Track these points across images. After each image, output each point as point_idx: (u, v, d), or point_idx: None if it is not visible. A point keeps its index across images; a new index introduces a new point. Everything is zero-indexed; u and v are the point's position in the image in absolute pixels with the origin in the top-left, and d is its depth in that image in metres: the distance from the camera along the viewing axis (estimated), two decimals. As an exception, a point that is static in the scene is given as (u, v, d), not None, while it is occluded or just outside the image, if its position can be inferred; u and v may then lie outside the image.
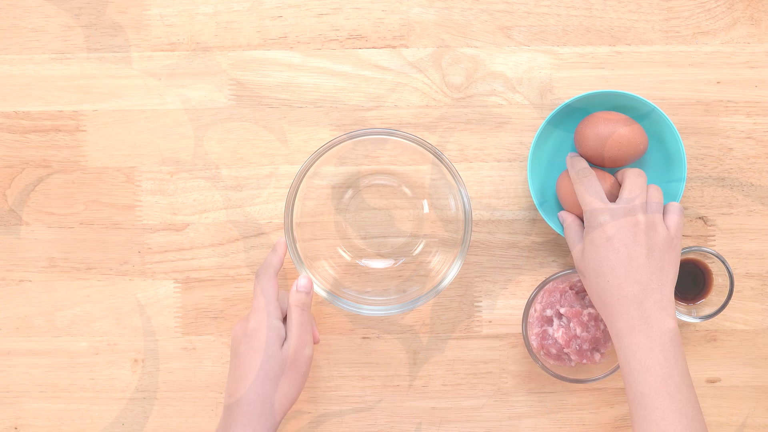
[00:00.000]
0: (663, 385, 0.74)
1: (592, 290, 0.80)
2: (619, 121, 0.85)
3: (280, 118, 0.91)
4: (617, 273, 0.77)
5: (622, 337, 0.77)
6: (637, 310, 0.76)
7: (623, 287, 0.77)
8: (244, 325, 0.80)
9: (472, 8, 0.91)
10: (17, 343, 0.92)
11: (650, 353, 0.75)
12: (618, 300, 0.77)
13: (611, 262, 0.78)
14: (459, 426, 0.92)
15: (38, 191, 0.92)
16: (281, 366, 0.78)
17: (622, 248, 0.78)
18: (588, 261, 0.79)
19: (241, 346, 0.79)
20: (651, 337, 0.76)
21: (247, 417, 0.76)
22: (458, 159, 0.91)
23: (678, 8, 0.91)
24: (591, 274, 0.79)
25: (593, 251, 0.79)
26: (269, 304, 0.80)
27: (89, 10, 0.91)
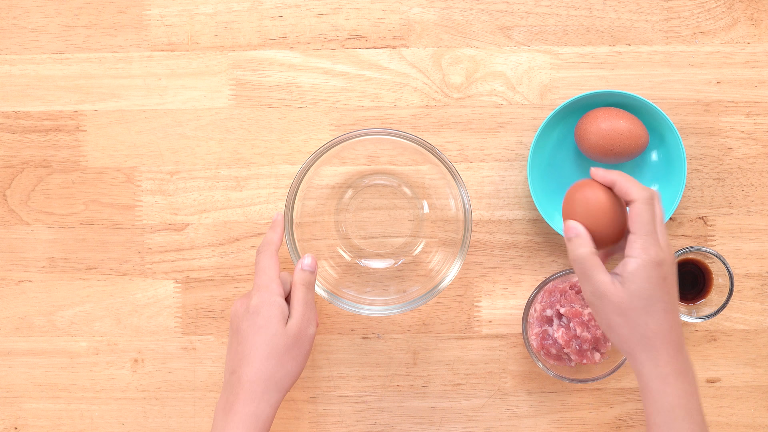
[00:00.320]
0: (702, 429, 0.71)
1: (636, 330, 0.71)
2: (619, 116, 0.85)
3: (280, 118, 0.91)
4: (669, 316, 0.71)
5: (670, 381, 0.71)
6: (682, 354, 0.72)
7: (674, 330, 0.71)
8: (246, 301, 0.79)
9: (472, 8, 0.91)
10: (17, 343, 0.92)
11: (693, 398, 0.71)
12: (669, 343, 0.71)
13: (665, 304, 0.71)
14: (459, 426, 0.92)
15: (38, 191, 0.92)
16: (286, 344, 0.77)
17: (672, 290, 0.72)
18: (636, 299, 0.71)
19: (243, 322, 0.78)
20: (691, 382, 0.72)
21: (251, 394, 0.76)
22: (458, 159, 0.91)
23: (678, 8, 0.91)
24: (639, 314, 0.71)
25: (648, 288, 0.71)
26: (271, 281, 0.79)
27: (89, 10, 0.91)
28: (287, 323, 0.78)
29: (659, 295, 0.71)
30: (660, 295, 0.71)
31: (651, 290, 0.70)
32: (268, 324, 0.77)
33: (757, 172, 0.91)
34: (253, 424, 0.76)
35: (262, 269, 0.80)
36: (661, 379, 0.71)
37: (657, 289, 0.71)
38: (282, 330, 0.77)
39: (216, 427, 0.77)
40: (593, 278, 0.72)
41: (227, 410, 0.76)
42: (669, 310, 0.71)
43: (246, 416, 0.75)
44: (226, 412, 0.76)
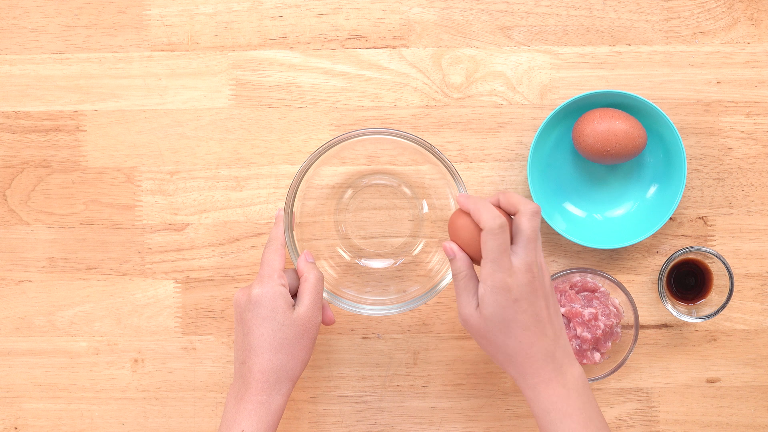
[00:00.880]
0: (586, 429, 0.73)
1: (499, 350, 0.75)
2: (615, 117, 0.85)
3: (280, 118, 0.91)
4: (529, 333, 0.74)
5: (539, 390, 0.75)
6: (551, 364, 0.74)
7: (535, 345, 0.74)
8: (248, 292, 0.79)
9: (472, 8, 0.91)
10: (17, 343, 0.92)
11: (569, 401, 0.74)
12: (531, 357, 0.74)
13: (521, 324, 0.74)
14: (459, 426, 0.92)
15: (38, 191, 0.92)
16: (294, 334, 0.78)
17: (529, 308, 0.74)
18: (491, 323, 0.74)
19: (246, 313, 0.78)
20: (567, 385, 0.74)
21: (263, 384, 0.77)
22: (458, 159, 0.91)
23: (678, 8, 0.91)
24: (497, 336, 0.74)
25: (499, 312, 0.74)
26: (273, 272, 0.79)
27: (89, 10, 0.91)
28: (294, 312, 0.78)
29: (512, 316, 0.73)
30: (513, 316, 0.73)
31: (502, 313, 0.73)
32: (274, 314, 0.77)
33: (757, 172, 0.91)
34: (264, 413, 0.77)
35: (266, 262, 0.81)
36: (530, 389, 0.75)
37: (509, 311, 0.73)
38: (289, 320, 0.78)
39: (227, 415, 0.77)
40: (460, 302, 0.76)
41: (239, 399, 0.77)
42: (528, 328, 0.74)
43: (258, 405, 0.77)
44: (237, 401, 0.77)
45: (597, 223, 0.91)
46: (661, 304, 0.91)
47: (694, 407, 0.92)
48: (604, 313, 0.87)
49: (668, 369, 0.92)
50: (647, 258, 0.91)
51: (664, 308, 0.91)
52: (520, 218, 0.75)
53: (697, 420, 0.92)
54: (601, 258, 0.91)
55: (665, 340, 0.92)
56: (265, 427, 0.77)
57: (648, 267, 0.92)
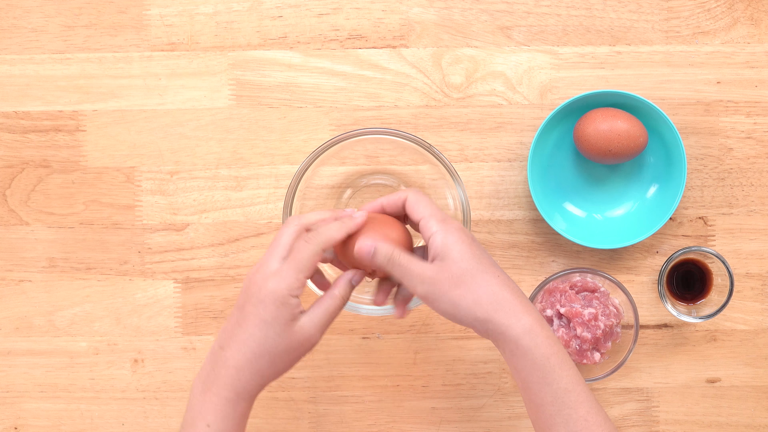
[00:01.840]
0: (579, 377, 0.70)
1: (481, 291, 0.69)
2: (617, 117, 0.85)
3: (280, 118, 0.91)
4: (499, 271, 0.71)
5: (536, 332, 0.69)
6: (529, 302, 0.71)
7: (509, 282, 0.71)
8: (263, 282, 0.71)
9: (472, 8, 0.91)
10: (17, 343, 0.92)
11: (559, 345, 0.70)
12: (515, 293, 0.70)
13: (489, 260, 0.71)
14: (459, 426, 0.92)
15: (38, 191, 0.92)
16: (286, 347, 0.71)
17: (484, 251, 0.72)
18: (463, 262, 0.70)
19: (249, 305, 0.71)
20: (549, 330, 0.70)
21: (233, 381, 0.71)
22: (458, 159, 0.91)
23: (678, 8, 0.91)
24: (474, 274, 0.70)
25: (466, 251, 0.70)
26: (300, 273, 0.71)
27: (89, 10, 0.91)
28: (298, 323, 0.71)
29: (480, 254, 0.71)
30: (481, 254, 0.71)
31: (471, 251, 0.70)
32: (274, 323, 0.71)
33: (757, 172, 0.91)
34: (231, 412, 0.72)
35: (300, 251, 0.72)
36: (527, 332, 0.69)
37: (475, 249, 0.71)
38: (286, 333, 0.71)
39: (193, 405, 0.73)
40: (415, 270, 0.71)
41: (205, 389, 0.72)
42: (495, 265, 0.71)
43: (224, 401, 0.71)
44: (203, 392, 0.72)
45: (597, 223, 0.91)
46: (661, 304, 0.91)
47: (694, 407, 0.92)
48: (604, 313, 0.87)
49: (668, 369, 0.92)
50: (647, 258, 0.91)
51: (664, 308, 0.91)
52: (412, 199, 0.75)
53: (697, 420, 0.92)
54: (601, 258, 0.92)
55: (665, 340, 0.92)
56: (232, 428, 0.72)
57: (648, 267, 0.92)
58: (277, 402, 0.92)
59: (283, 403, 0.92)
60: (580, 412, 0.69)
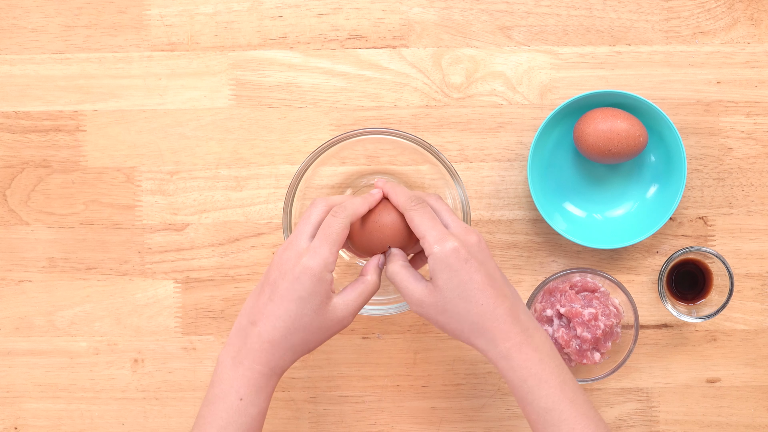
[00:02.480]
0: (563, 393, 0.71)
1: (462, 319, 0.72)
2: (617, 116, 0.85)
3: (280, 118, 0.91)
4: (488, 294, 0.71)
5: (512, 356, 0.72)
6: (518, 325, 0.72)
7: (498, 305, 0.72)
8: (296, 258, 0.72)
9: (472, 8, 0.91)
10: (17, 343, 0.92)
11: (542, 365, 0.72)
12: (497, 319, 0.72)
13: (477, 284, 0.71)
14: (459, 426, 0.92)
15: (38, 191, 0.92)
16: (320, 325, 0.73)
17: (481, 268, 0.72)
18: (447, 291, 0.72)
19: (283, 281, 0.72)
20: (538, 349, 0.72)
21: (268, 354, 0.73)
22: (458, 159, 0.91)
23: (678, 8, 0.91)
24: (456, 304, 0.72)
25: (452, 278, 0.71)
26: (333, 247, 0.73)
27: (89, 10, 0.91)
28: (331, 304, 0.73)
29: (468, 278, 0.71)
30: (469, 278, 0.71)
31: (457, 278, 0.71)
32: (310, 299, 0.72)
33: (757, 172, 0.91)
34: (264, 385, 0.73)
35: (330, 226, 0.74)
36: (503, 357, 0.72)
37: (463, 274, 0.71)
38: (322, 310, 0.72)
39: (223, 377, 0.73)
40: (407, 290, 0.74)
41: (237, 362, 0.73)
42: (485, 288, 0.72)
43: (258, 375, 0.73)
44: (235, 364, 0.73)
45: (597, 223, 0.91)
46: (661, 304, 0.91)
47: (694, 407, 0.92)
48: (604, 313, 0.87)
49: (668, 369, 0.92)
50: (647, 258, 0.91)
51: (664, 308, 0.91)
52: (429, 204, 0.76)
53: (697, 420, 0.92)
54: (601, 258, 0.92)
55: (665, 340, 0.92)
56: (263, 402, 0.73)
57: (648, 267, 0.92)
58: (277, 402, 0.92)
59: (283, 403, 0.92)
60: (564, 429, 0.71)
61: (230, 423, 0.72)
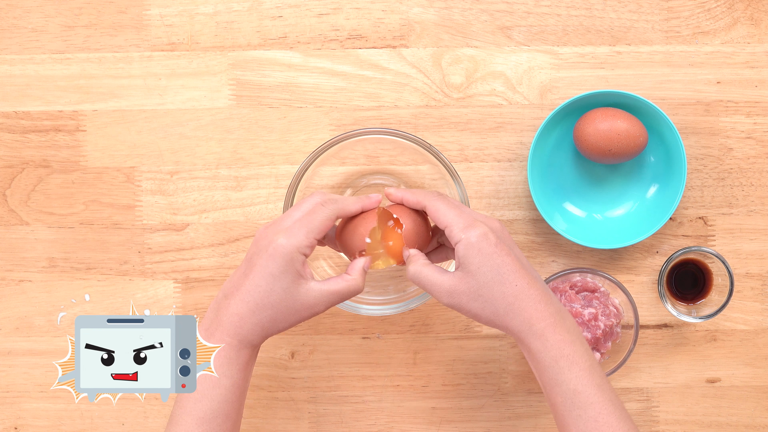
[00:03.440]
0: (591, 377, 0.71)
1: (497, 302, 0.72)
2: (617, 116, 0.85)
3: (280, 118, 0.91)
4: (521, 275, 0.72)
5: (547, 336, 0.71)
6: (552, 306, 0.72)
7: (532, 285, 0.72)
8: (273, 236, 0.73)
9: (472, 8, 0.91)
10: (17, 343, 0.92)
11: (574, 346, 0.71)
12: (533, 299, 0.72)
13: (510, 266, 0.72)
14: (459, 426, 0.92)
15: (38, 191, 0.92)
16: (288, 305, 0.73)
17: (510, 252, 0.73)
18: (480, 275, 0.71)
19: (256, 257, 0.72)
20: (570, 330, 0.72)
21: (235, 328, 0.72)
22: (458, 159, 0.91)
23: (678, 8, 0.91)
24: (491, 287, 0.72)
25: (485, 263, 0.71)
26: (311, 232, 0.73)
27: (89, 10, 0.91)
28: (305, 285, 0.73)
29: (501, 261, 0.71)
30: (502, 261, 0.71)
31: (491, 261, 0.71)
32: (281, 277, 0.72)
33: (757, 172, 0.91)
34: (234, 356, 0.72)
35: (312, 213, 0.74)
36: (538, 337, 0.71)
37: (496, 257, 0.71)
38: (291, 290, 0.72)
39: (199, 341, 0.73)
40: (436, 284, 0.73)
41: (209, 335, 0.73)
42: (518, 270, 0.72)
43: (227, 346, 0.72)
44: (207, 337, 0.73)
45: (597, 223, 0.91)
46: (661, 304, 0.91)
47: (694, 407, 0.92)
48: (604, 313, 0.87)
49: (668, 369, 0.92)
50: (647, 258, 0.91)
51: (664, 308, 0.91)
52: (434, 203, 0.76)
53: (697, 420, 0.92)
54: (601, 258, 0.92)
55: (665, 340, 0.92)
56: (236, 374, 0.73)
57: (648, 267, 0.92)
58: (277, 402, 0.92)
59: (283, 403, 0.92)
60: (590, 413, 0.71)
61: (204, 396, 0.72)
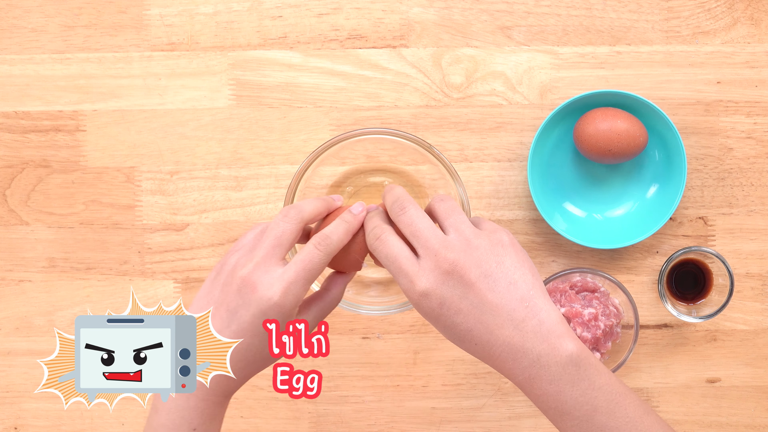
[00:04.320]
0: (590, 423, 0.61)
1: (473, 354, 0.64)
2: (617, 116, 0.85)
3: (280, 118, 0.91)
4: (476, 333, 0.61)
5: (527, 390, 0.62)
6: (523, 359, 0.61)
7: (493, 344, 0.61)
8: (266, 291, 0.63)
9: (472, 8, 0.91)
10: (17, 343, 0.92)
11: (562, 397, 0.61)
12: (497, 360, 0.62)
13: (462, 328, 0.62)
14: (459, 426, 0.92)
15: (38, 191, 0.92)
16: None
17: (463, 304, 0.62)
18: (441, 331, 0.64)
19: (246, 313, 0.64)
20: (553, 380, 0.60)
21: (222, 387, 0.67)
22: (458, 159, 0.91)
23: (678, 8, 0.91)
24: (457, 343, 0.64)
25: (437, 325, 0.63)
26: (308, 284, 0.65)
27: (89, 10, 0.91)
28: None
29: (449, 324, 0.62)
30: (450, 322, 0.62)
31: (440, 325, 0.63)
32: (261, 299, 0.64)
33: (757, 172, 0.91)
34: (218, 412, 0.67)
35: (314, 267, 0.65)
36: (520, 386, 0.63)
37: (442, 322, 0.62)
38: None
39: (170, 405, 0.67)
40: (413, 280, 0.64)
41: (190, 394, 0.67)
42: (472, 329, 0.62)
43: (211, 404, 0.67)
44: (188, 397, 0.67)
45: (597, 223, 0.91)
46: (661, 304, 0.91)
47: (694, 407, 0.92)
48: (604, 313, 0.87)
49: (668, 369, 0.92)
50: (647, 258, 0.91)
51: (664, 308, 0.91)
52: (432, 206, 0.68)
53: (697, 420, 0.92)
54: (601, 258, 0.92)
55: (665, 340, 0.92)
56: (216, 427, 0.67)
57: (648, 267, 0.92)
58: (277, 402, 0.92)
59: (283, 403, 0.92)
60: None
61: None
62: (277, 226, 0.66)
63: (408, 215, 0.66)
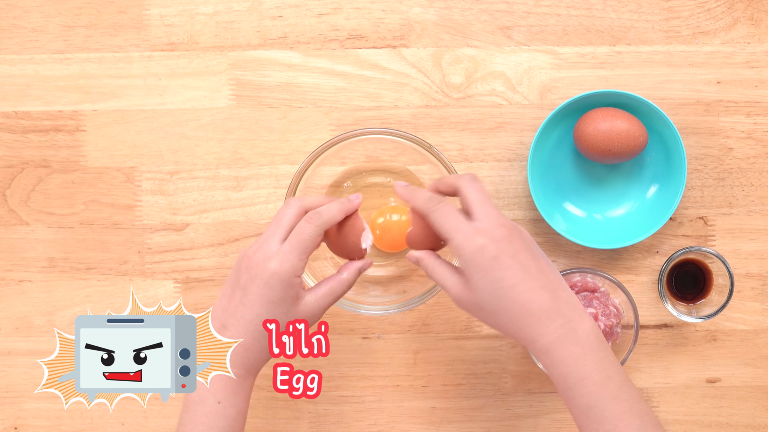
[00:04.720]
0: (605, 390, 0.68)
1: (499, 317, 0.70)
2: (617, 116, 0.85)
3: (280, 118, 0.91)
4: (522, 288, 0.69)
5: (552, 352, 0.69)
6: (557, 319, 0.69)
7: (533, 300, 0.69)
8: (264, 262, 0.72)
9: (472, 8, 0.91)
10: (17, 343, 0.92)
11: (583, 360, 0.69)
12: (532, 316, 0.69)
13: (509, 281, 0.69)
14: (459, 426, 0.92)
15: (38, 191, 0.92)
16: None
17: (513, 263, 0.69)
18: (480, 290, 0.70)
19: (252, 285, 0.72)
20: (580, 342, 0.69)
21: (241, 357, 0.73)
22: (458, 159, 0.91)
23: (678, 8, 0.91)
24: (491, 302, 0.70)
25: (483, 278, 0.70)
26: (303, 254, 0.72)
27: (89, 10, 0.91)
28: (302, 302, 0.73)
29: (498, 276, 0.69)
30: (500, 275, 0.69)
31: (488, 276, 0.69)
32: (281, 303, 0.72)
33: (757, 172, 0.91)
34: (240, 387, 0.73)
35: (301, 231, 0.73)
36: (544, 352, 0.70)
37: (492, 272, 0.69)
38: (292, 311, 0.73)
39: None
40: (445, 286, 0.73)
41: None
42: (519, 284, 0.69)
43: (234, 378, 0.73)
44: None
45: (597, 223, 0.91)
46: (661, 304, 0.91)
47: (694, 407, 0.92)
48: (604, 313, 0.87)
49: (668, 369, 0.92)
50: (647, 258, 0.91)
51: (664, 308, 0.91)
52: (463, 189, 0.73)
53: (697, 420, 0.92)
54: (601, 258, 0.92)
55: (665, 340, 0.92)
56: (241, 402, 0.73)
57: (648, 267, 0.92)
58: (277, 402, 0.92)
59: (283, 403, 0.92)
60: (606, 426, 0.68)
61: (210, 427, 0.73)
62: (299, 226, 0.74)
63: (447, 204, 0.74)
